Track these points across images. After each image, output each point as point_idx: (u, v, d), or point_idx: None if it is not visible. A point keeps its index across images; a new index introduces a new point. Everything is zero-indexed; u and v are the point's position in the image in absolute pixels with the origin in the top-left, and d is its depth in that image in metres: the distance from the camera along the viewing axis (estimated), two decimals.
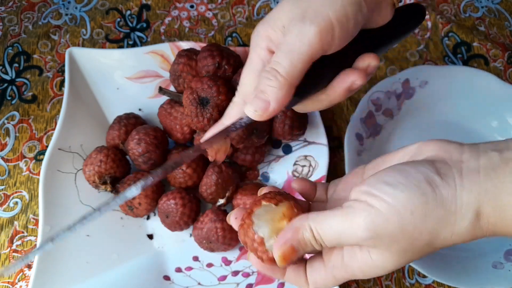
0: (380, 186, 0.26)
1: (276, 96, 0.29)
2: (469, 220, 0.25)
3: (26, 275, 0.49)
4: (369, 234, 0.26)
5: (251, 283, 0.47)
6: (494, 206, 0.25)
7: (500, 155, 0.26)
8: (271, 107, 0.29)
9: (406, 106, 0.55)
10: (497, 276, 0.46)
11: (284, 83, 0.29)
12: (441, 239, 0.26)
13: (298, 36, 0.29)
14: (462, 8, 0.63)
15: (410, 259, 0.27)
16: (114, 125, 0.51)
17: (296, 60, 0.29)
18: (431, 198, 0.26)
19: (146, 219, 0.52)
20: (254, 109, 0.29)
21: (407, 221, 0.25)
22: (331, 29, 0.29)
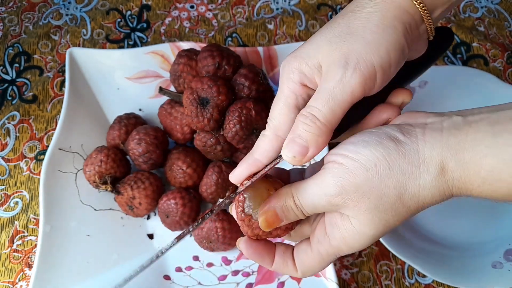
0: (346, 146, 0.28)
1: (316, 143, 0.29)
2: (433, 173, 0.26)
3: (27, 275, 0.49)
4: (337, 189, 0.27)
5: (251, 282, 0.47)
6: (457, 161, 0.26)
7: (463, 119, 0.27)
8: (310, 152, 0.29)
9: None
10: (497, 276, 0.46)
11: (324, 129, 0.29)
12: (409, 193, 0.27)
13: (340, 83, 0.28)
14: (461, 8, 0.63)
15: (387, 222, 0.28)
16: (115, 125, 0.51)
17: (337, 108, 0.28)
18: (393, 151, 0.27)
19: (146, 219, 0.52)
20: (292, 155, 0.29)
21: (372, 173, 0.27)
22: (374, 76, 0.29)
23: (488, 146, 0.25)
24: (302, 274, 0.31)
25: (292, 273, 0.31)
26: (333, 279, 0.43)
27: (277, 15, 0.63)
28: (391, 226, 0.28)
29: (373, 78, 0.29)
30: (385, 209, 0.27)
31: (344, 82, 0.28)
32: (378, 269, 0.50)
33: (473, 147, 0.26)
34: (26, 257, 0.50)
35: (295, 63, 0.31)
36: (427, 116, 0.29)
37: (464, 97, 0.54)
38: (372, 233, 0.28)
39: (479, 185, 0.26)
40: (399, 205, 0.27)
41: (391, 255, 0.50)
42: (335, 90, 0.28)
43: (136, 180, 0.48)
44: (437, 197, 0.27)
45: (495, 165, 0.25)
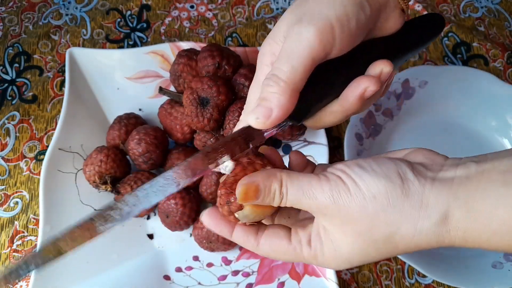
0: (354, 167, 0.27)
1: (279, 102, 0.27)
2: (433, 220, 0.25)
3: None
4: (329, 201, 0.26)
5: (251, 282, 0.47)
6: (465, 211, 0.25)
7: (476, 166, 0.26)
8: (274, 113, 0.27)
9: (405, 106, 0.55)
10: (497, 276, 0.46)
11: (285, 87, 0.27)
12: (401, 234, 0.26)
13: (296, 38, 0.28)
14: (461, 8, 0.63)
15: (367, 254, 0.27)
16: (115, 125, 0.51)
17: (296, 63, 0.27)
18: (398, 188, 0.26)
19: (147, 219, 0.52)
20: (256, 117, 0.28)
21: (368, 204, 0.26)
22: (331, 28, 0.28)
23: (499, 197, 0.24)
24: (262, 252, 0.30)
25: (252, 247, 0.30)
26: (333, 279, 0.43)
27: (277, 15, 0.63)
28: (369, 259, 0.27)
29: (330, 30, 0.28)
30: (369, 241, 0.26)
31: (301, 37, 0.27)
32: (378, 269, 0.50)
33: (483, 198, 0.24)
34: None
35: (266, 47, 0.31)
36: (445, 159, 0.28)
37: (464, 97, 0.54)
38: (348, 258, 0.27)
39: (488, 238, 0.25)
40: (386, 242, 0.26)
41: None
42: (291, 46, 0.28)
43: (136, 180, 0.48)
44: (433, 244, 0.26)
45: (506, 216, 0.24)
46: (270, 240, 0.30)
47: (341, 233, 0.27)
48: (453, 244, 0.26)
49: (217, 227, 0.30)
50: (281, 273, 0.47)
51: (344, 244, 0.27)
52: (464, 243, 0.26)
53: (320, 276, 0.45)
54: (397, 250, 0.27)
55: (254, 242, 0.30)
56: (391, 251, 0.27)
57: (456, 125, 0.55)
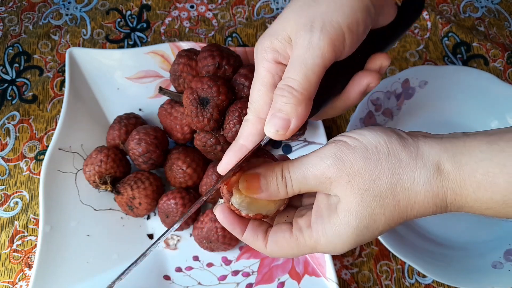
0: (352, 130, 0.29)
1: (296, 113, 0.28)
2: (429, 169, 0.27)
3: (27, 275, 0.49)
4: (334, 159, 0.27)
5: (251, 282, 0.47)
6: (453, 163, 0.26)
7: (463, 133, 0.28)
8: (292, 124, 0.28)
9: (405, 106, 0.55)
10: (497, 276, 0.46)
11: (301, 98, 0.28)
12: (402, 184, 0.27)
13: (309, 48, 0.28)
14: (461, 8, 0.63)
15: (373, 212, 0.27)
16: (115, 125, 0.51)
17: (311, 74, 0.28)
18: (395, 140, 0.28)
19: (146, 219, 0.52)
20: (275, 130, 0.28)
21: (371, 154, 0.27)
22: (342, 36, 0.28)
23: (483, 151, 0.26)
24: (269, 251, 0.30)
25: (261, 248, 0.31)
26: (333, 279, 0.43)
27: (277, 15, 0.63)
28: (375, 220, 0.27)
29: (342, 38, 0.28)
30: (374, 195, 0.27)
31: (313, 46, 0.28)
32: (378, 269, 0.50)
33: (469, 152, 0.26)
34: (26, 257, 0.50)
35: (267, 42, 0.31)
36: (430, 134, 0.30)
37: (464, 97, 0.54)
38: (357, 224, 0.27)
39: (474, 190, 0.26)
40: (389, 195, 0.27)
41: (391, 255, 0.50)
42: (305, 56, 0.28)
43: (136, 180, 0.48)
44: (429, 198, 0.27)
45: (490, 169, 0.25)
46: (275, 236, 0.30)
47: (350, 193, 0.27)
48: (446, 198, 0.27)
49: (230, 225, 0.31)
50: (281, 273, 0.47)
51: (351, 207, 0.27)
52: (454, 197, 0.27)
53: (320, 276, 0.45)
54: (398, 206, 0.27)
55: (262, 243, 0.30)
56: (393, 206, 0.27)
57: (456, 125, 0.55)
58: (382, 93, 0.54)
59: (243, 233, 0.31)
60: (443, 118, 0.55)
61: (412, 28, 0.61)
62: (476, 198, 0.26)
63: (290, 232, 0.30)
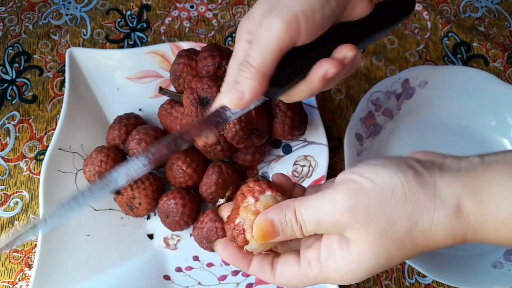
0: (365, 166, 0.28)
1: (250, 86, 0.31)
2: (448, 210, 0.26)
3: (27, 275, 0.49)
4: (348, 206, 0.26)
5: (251, 283, 0.47)
6: (474, 201, 0.25)
7: (480, 159, 0.27)
8: (245, 96, 0.31)
9: (405, 106, 0.55)
10: (497, 276, 0.46)
11: (256, 74, 0.31)
12: (420, 228, 0.26)
13: (265, 29, 0.31)
14: (461, 8, 0.63)
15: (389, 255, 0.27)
16: (115, 125, 0.51)
17: (265, 52, 0.31)
18: (412, 179, 0.26)
19: (146, 219, 0.52)
20: (230, 98, 0.32)
21: (387, 198, 0.26)
22: (296, 21, 0.31)
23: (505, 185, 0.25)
24: (279, 283, 0.30)
25: (270, 280, 0.30)
26: None
27: None
28: (392, 261, 0.27)
29: (295, 23, 0.31)
30: (392, 240, 0.26)
31: (269, 28, 0.31)
32: None
33: (490, 188, 0.25)
34: (26, 257, 0.50)
35: (243, 24, 0.34)
36: (444, 156, 0.29)
37: (464, 97, 0.54)
38: (372, 264, 0.27)
39: (496, 229, 0.25)
40: (407, 239, 0.26)
41: None
42: (261, 36, 0.31)
43: (136, 180, 0.48)
44: (449, 239, 0.26)
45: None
46: (283, 270, 0.30)
47: (366, 238, 0.26)
48: (465, 237, 0.26)
49: (236, 261, 0.31)
50: None
51: (367, 250, 0.27)
52: (475, 236, 0.26)
53: None
54: (417, 248, 0.27)
55: (270, 275, 0.30)
56: (411, 249, 0.27)
57: (456, 125, 0.55)
58: (382, 93, 0.54)
59: (250, 267, 0.31)
60: (443, 118, 0.55)
61: (412, 28, 0.61)
62: (497, 235, 0.26)
63: (298, 265, 0.29)
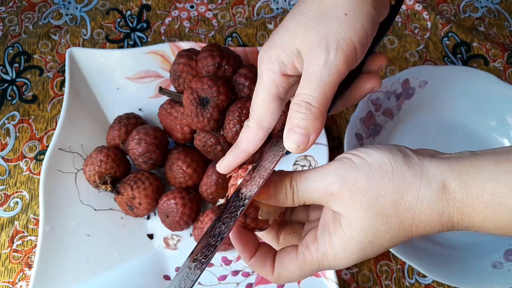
0: (358, 148, 0.30)
1: (314, 127, 0.29)
2: (434, 188, 0.27)
3: (27, 275, 0.49)
4: (336, 176, 0.28)
5: (251, 282, 0.47)
6: (460, 183, 0.26)
7: (470, 152, 0.28)
8: (311, 138, 0.30)
9: (405, 106, 0.55)
10: (497, 276, 0.46)
11: (318, 114, 0.29)
12: (406, 203, 0.27)
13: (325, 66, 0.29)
14: (461, 8, 0.63)
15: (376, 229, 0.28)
16: (115, 125, 0.51)
17: (327, 90, 0.29)
18: (400, 159, 0.28)
19: (146, 219, 0.52)
20: (296, 145, 0.29)
21: (374, 172, 0.28)
22: (355, 52, 0.29)
23: (491, 172, 0.26)
24: (277, 275, 0.31)
25: (267, 274, 0.31)
26: (333, 279, 0.43)
27: (277, 15, 0.63)
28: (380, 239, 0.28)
29: (355, 54, 0.30)
30: (377, 213, 0.27)
31: (330, 64, 0.29)
32: (378, 269, 0.50)
33: (476, 172, 0.26)
34: (26, 257, 0.50)
35: (273, 53, 0.31)
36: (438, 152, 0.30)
37: (464, 97, 0.54)
38: (360, 239, 0.28)
39: (481, 210, 0.26)
40: (393, 214, 0.27)
41: (391, 255, 0.50)
42: (322, 73, 0.29)
43: (136, 180, 0.48)
44: (435, 217, 0.27)
45: (498, 189, 0.26)
46: (281, 259, 0.31)
47: (352, 209, 0.28)
48: (452, 218, 0.27)
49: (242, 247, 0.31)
50: None
51: (355, 223, 0.28)
52: (461, 217, 0.27)
53: (320, 276, 0.45)
54: (403, 225, 0.28)
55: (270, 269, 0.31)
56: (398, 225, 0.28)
57: (456, 125, 0.55)
58: (382, 93, 0.54)
59: (251, 258, 0.31)
60: (443, 118, 0.55)
61: (412, 28, 0.61)
62: (484, 218, 0.26)
63: (295, 252, 0.30)
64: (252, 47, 0.53)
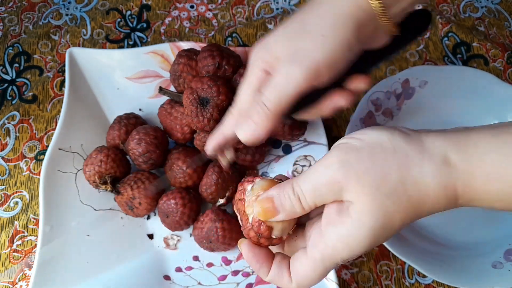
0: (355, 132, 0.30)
1: (263, 125, 0.34)
2: (436, 162, 0.27)
3: (27, 275, 0.49)
4: (340, 162, 0.28)
5: (251, 282, 0.47)
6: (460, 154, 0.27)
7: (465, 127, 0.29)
8: (258, 133, 0.34)
9: (405, 106, 0.55)
10: (497, 276, 0.46)
11: (270, 116, 0.33)
12: (412, 178, 0.27)
13: (286, 77, 0.32)
14: (461, 8, 0.63)
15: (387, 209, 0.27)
16: (114, 125, 0.51)
17: (283, 97, 0.33)
18: (398, 136, 0.28)
19: (146, 219, 0.52)
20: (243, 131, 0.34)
21: (377, 151, 0.27)
22: (318, 71, 0.32)
23: (489, 142, 0.26)
24: (296, 285, 0.30)
25: (287, 285, 0.30)
26: (333, 279, 0.43)
27: (277, 15, 0.63)
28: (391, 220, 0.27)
29: (318, 73, 0.32)
30: (385, 193, 0.27)
31: (289, 76, 0.32)
32: (378, 269, 0.50)
33: (474, 144, 0.26)
34: (26, 257, 0.50)
35: (261, 53, 0.35)
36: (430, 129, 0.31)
37: (464, 97, 0.54)
38: (372, 224, 0.27)
39: (483, 182, 0.26)
40: (401, 191, 0.27)
41: (391, 255, 0.50)
42: (281, 82, 0.33)
43: (136, 180, 0.48)
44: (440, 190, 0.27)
45: (499, 158, 0.26)
46: (294, 267, 0.30)
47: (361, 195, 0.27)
48: (456, 190, 0.27)
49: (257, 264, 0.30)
50: None
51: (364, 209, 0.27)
52: (464, 189, 0.27)
53: None
54: (411, 202, 0.27)
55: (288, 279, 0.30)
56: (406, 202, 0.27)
57: (456, 125, 0.54)
58: (382, 93, 0.54)
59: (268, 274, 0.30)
60: (443, 118, 0.55)
61: None
62: (486, 190, 0.26)
63: (305, 255, 0.29)
64: (252, 47, 0.53)
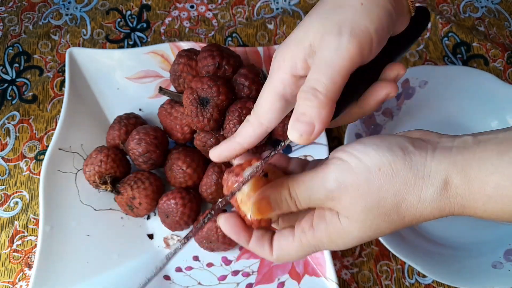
0: (355, 145, 0.28)
1: (320, 116, 0.27)
2: (436, 187, 0.26)
3: (27, 275, 0.49)
4: (336, 184, 0.27)
5: (251, 282, 0.47)
6: (462, 177, 0.26)
7: (473, 138, 0.28)
8: (316, 128, 0.27)
9: (405, 106, 0.55)
10: (497, 276, 0.46)
11: (326, 101, 0.27)
12: (407, 203, 0.27)
13: (337, 50, 0.27)
14: (461, 8, 0.63)
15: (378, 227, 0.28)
16: (115, 125, 0.51)
17: (337, 76, 0.27)
18: (400, 159, 0.27)
19: (146, 219, 0.52)
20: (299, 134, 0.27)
21: (374, 176, 0.27)
22: (370, 41, 0.28)
23: (494, 164, 0.26)
24: (276, 258, 0.31)
25: (267, 256, 0.31)
26: (333, 279, 0.43)
27: (277, 15, 0.63)
28: (381, 232, 0.28)
29: (370, 43, 0.28)
30: (379, 214, 0.27)
31: (342, 48, 0.27)
32: (378, 269, 0.50)
33: (479, 165, 0.26)
34: (26, 257, 0.50)
35: (287, 52, 0.30)
36: (440, 136, 0.29)
37: (464, 97, 0.54)
38: (360, 235, 0.28)
39: (484, 203, 0.26)
40: (394, 213, 0.27)
41: (391, 255, 0.50)
42: (332, 58, 0.27)
43: (136, 180, 0.48)
44: (436, 213, 0.27)
45: (501, 182, 0.25)
46: (278, 242, 0.31)
47: (354, 213, 0.28)
48: (453, 212, 0.27)
49: (236, 234, 0.30)
50: (281, 273, 0.47)
51: (355, 224, 0.28)
52: (462, 210, 0.27)
53: (320, 276, 0.45)
54: (404, 221, 0.28)
55: (269, 251, 0.31)
56: (399, 221, 0.28)
57: (456, 125, 0.55)
58: None
59: (249, 242, 0.31)
60: (443, 118, 0.55)
61: None
62: (485, 209, 0.26)
63: (292, 235, 0.30)
64: (252, 47, 0.53)
